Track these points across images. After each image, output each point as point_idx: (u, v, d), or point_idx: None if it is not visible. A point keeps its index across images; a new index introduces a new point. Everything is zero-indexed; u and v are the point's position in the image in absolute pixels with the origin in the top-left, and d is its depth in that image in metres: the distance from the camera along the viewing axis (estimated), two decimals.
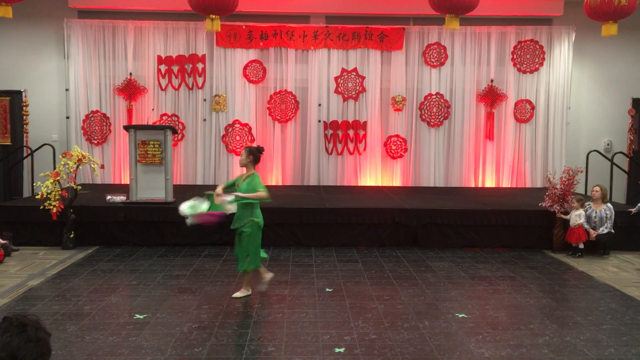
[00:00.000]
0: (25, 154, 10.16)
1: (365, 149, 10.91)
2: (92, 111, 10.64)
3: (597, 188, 7.95)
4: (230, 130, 10.76)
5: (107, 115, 10.69)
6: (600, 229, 7.77)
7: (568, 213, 7.82)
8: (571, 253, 7.73)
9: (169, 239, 7.93)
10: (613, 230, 7.78)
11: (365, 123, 10.88)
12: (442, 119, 10.95)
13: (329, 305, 5.48)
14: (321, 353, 4.30)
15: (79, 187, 7.88)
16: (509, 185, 10.97)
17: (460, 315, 5.21)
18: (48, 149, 10.12)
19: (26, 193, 10.30)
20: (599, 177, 9.89)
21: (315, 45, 10.71)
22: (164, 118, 10.67)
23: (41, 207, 7.48)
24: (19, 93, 10.38)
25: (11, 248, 7.36)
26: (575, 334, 4.79)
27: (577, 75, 11.07)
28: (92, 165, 7.89)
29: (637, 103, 10.97)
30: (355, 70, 10.81)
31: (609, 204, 7.92)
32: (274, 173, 10.86)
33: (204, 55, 10.68)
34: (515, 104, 10.96)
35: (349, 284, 6.23)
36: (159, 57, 10.65)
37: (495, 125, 10.97)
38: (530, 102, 10.96)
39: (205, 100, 10.76)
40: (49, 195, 7.44)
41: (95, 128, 10.67)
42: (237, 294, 5.69)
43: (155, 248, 7.77)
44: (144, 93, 10.71)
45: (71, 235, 7.68)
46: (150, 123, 9.74)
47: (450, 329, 4.86)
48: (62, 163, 7.69)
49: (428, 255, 7.63)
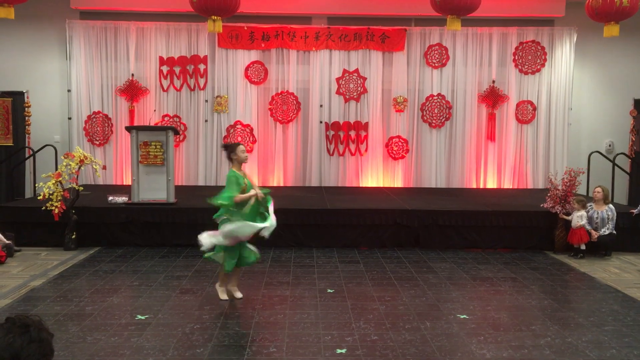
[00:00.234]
0: (27, 155, 10.17)
1: (366, 150, 10.91)
2: (94, 112, 10.66)
3: (599, 189, 7.94)
4: (232, 131, 10.77)
5: (109, 116, 10.71)
6: (602, 230, 7.77)
7: (570, 214, 7.81)
8: (573, 254, 7.71)
9: (170, 240, 7.94)
10: (615, 232, 7.77)
11: (366, 124, 10.88)
12: (444, 120, 10.95)
13: (330, 306, 5.48)
14: (323, 354, 4.30)
15: (81, 188, 7.90)
16: (511, 186, 10.97)
17: (462, 316, 5.20)
18: (50, 150, 10.14)
19: (28, 194, 10.31)
20: (600, 178, 9.88)
21: (317, 46, 10.72)
22: (166, 119, 10.68)
23: (43, 208, 7.48)
24: (21, 94, 10.39)
25: (14, 249, 7.37)
26: (577, 335, 4.78)
27: (579, 76, 11.07)
28: (94, 166, 7.91)
29: (639, 104, 10.95)
30: (356, 71, 10.81)
31: (611, 205, 7.91)
32: (275, 174, 10.87)
33: (205, 56, 10.69)
34: (517, 105, 10.95)
35: (350, 284, 6.22)
36: (161, 58, 10.67)
37: (497, 126, 10.97)
38: (531, 103, 10.96)
39: (207, 101, 10.77)
40: (51, 196, 7.44)
41: (97, 129, 10.69)
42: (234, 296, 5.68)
43: (157, 249, 7.78)
44: (145, 94, 10.72)
45: (73, 236, 7.69)
46: (151, 124, 9.75)
47: (451, 330, 4.85)
48: (64, 164, 7.69)
49: (429, 256, 7.63)
